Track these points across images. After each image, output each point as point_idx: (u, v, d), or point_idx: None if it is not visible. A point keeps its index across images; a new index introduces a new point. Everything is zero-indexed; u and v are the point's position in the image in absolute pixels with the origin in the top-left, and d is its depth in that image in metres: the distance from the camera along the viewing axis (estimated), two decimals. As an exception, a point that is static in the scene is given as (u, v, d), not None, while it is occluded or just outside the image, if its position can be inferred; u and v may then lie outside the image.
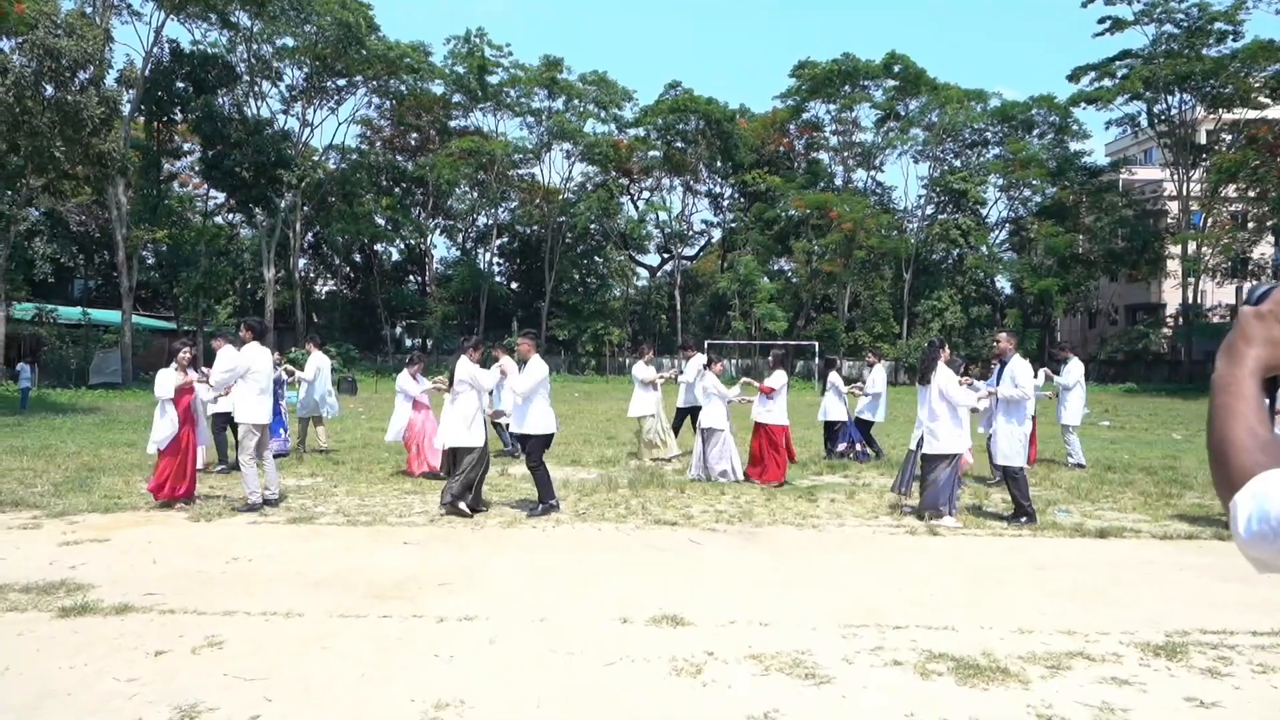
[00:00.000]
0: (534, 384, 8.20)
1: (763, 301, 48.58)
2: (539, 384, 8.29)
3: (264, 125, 39.81)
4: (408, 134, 53.89)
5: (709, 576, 6.03)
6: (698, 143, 52.28)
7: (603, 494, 9.34)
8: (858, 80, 51.34)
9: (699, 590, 5.62)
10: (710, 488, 9.86)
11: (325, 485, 9.89)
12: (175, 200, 43.59)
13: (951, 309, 50.98)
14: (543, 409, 8.28)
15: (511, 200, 55.45)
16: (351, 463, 11.78)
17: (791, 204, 49.54)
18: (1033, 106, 52.50)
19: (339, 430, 16.71)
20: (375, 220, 49.97)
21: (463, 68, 48.66)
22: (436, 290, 53.39)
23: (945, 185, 53.51)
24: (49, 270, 43.58)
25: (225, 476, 10.49)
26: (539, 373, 8.31)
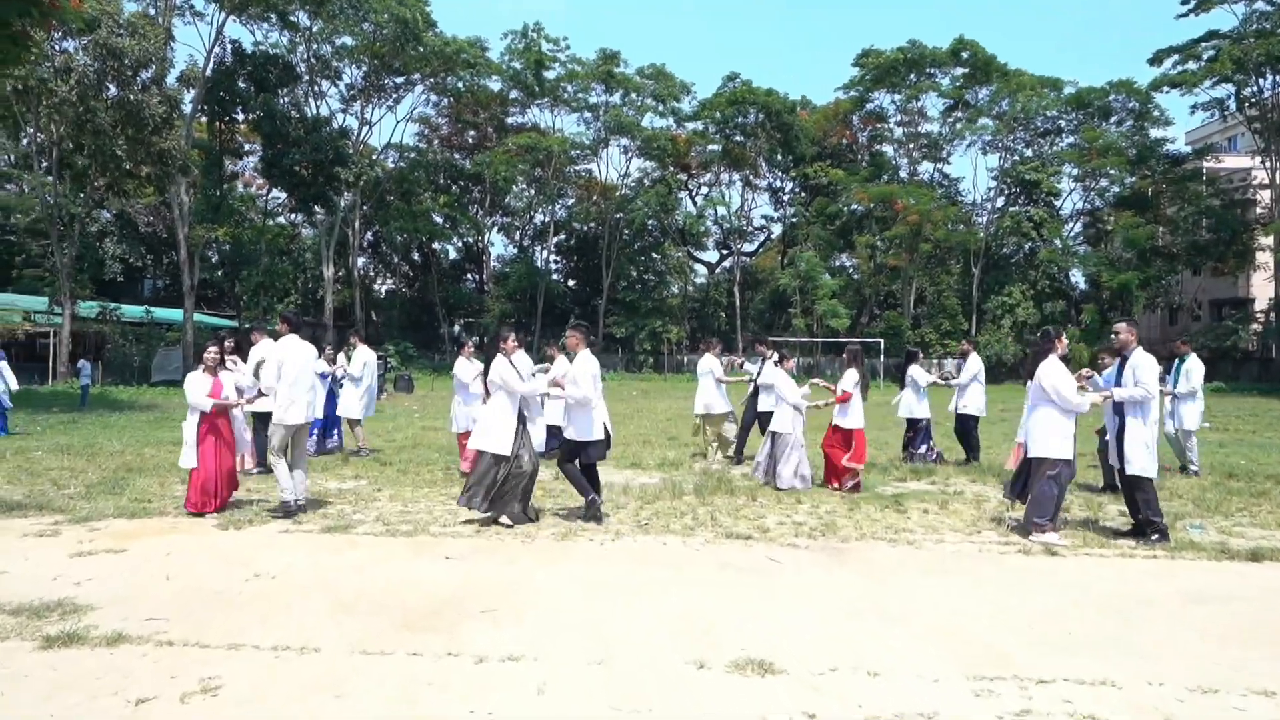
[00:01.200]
0: (589, 385, 7.41)
1: (825, 298, 47.22)
2: (593, 382, 7.52)
3: (322, 123, 39.84)
4: (465, 131, 53.73)
5: (795, 605, 5.13)
6: (757, 136, 51.08)
7: (666, 501, 8.48)
8: (924, 68, 49.68)
9: (786, 623, 4.73)
10: (785, 496, 8.93)
11: (368, 489, 9.21)
12: (238, 200, 43.93)
13: (1023, 305, 48.98)
14: (589, 412, 7.52)
15: (568, 197, 54.96)
16: (399, 464, 11.12)
17: (855, 197, 48.08)
18: (1110, 92, 50.18)
19: (389, 429, 16.14)
20: (433, 218, 49.88)
21: (519, 63, 48.26)
22: (494, 288, 53.16)
23: (1016, 176, 51.45)
24: (118, 270, 44.36)
25: (265, 478, 9.89)
26: (589, 368, 7.52)
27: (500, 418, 7.33)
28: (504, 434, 7.31)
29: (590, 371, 7.44)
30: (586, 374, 7.40)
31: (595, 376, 7.50)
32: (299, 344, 7.87)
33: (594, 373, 7.47)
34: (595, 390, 7.49)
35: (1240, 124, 51.43)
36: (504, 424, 7.34)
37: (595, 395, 7.50)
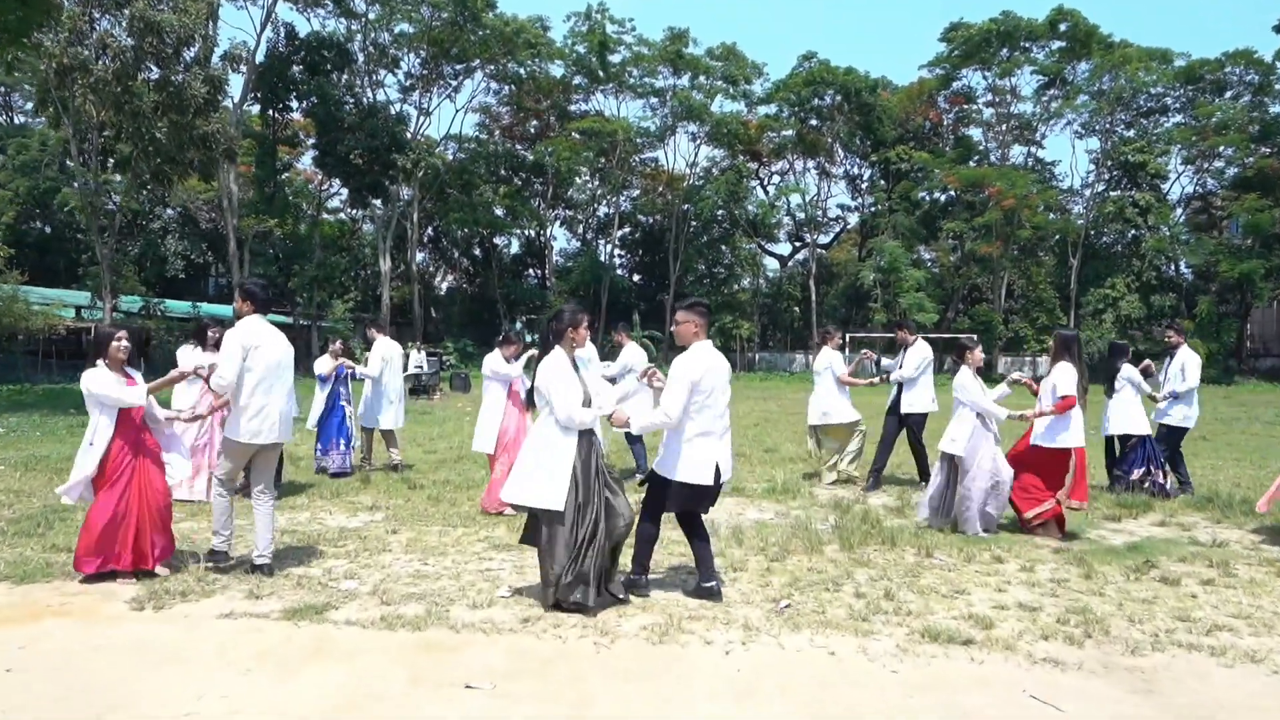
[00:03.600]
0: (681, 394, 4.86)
1: (910, 290, 43.77)
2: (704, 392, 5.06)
3: (378, 109, 38.01)
4: (527, 121, 51.67)
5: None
6: (834, 119, 47.89)
7: (802, 558, 5.81)
8: (1018, 42, 45.84)
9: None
10: (972, 545, 6.18)
11: (381, 529, 6.75)
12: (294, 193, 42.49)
13: (1127, 298, 44.84)
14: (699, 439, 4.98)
15: (633, 188, 52.55)
16: (432, 487, 8.66)
17: (943, 180, 44.58)
18: (1226, 64, 45.64)
19: (434, 436, 13.76)
20: (494, 211, 47.95)
21: (583, 47, 45.95)
22: (556, 283, 50.98)
23: (1119, 158, 47.24)
24: (180, 267, 43.43)
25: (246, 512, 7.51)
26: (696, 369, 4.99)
27: (546, 452, 4.73)
28: (558, 478, 4.68)
29: (691, 376, 4.67)
30: (685, 379, 4.67)
31: (712, 382, 4.76)
32: (269, 332, 5.40)
33: (698, 377, 4.68)
34: (720, 400, 4.82)
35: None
36: (553, 461, 4.71)
37: (716, 414, 4.80)
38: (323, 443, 9.57)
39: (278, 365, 5.35)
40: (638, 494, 5.30)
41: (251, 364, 5.22)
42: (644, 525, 4.93)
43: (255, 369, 5.22)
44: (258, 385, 5.21)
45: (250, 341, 5.24)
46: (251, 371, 5.23)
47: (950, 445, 6.73)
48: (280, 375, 5.35)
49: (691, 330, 4.85)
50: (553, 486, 4.63)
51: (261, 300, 5.45)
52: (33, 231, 42.16)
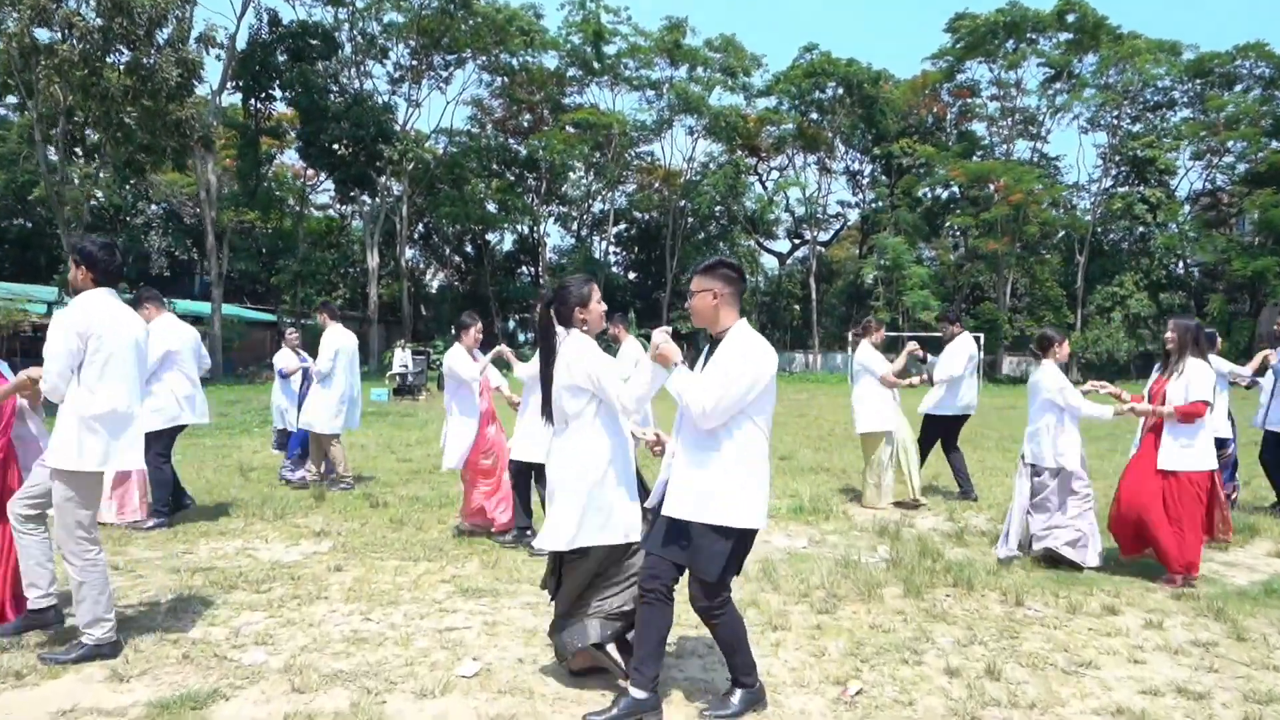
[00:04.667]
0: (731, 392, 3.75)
1: (914, 288, 42.50)
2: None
3: (364, 98, 36.63)
4: (519, 113, 50.31)
5: None
6: (835, 112, 46.65)
7: (858, 608, 4.51)
8: (1024, 33, 44.61)
9: None
10: (1069, 590, 4.89)
11: (325, 562, 5.43)
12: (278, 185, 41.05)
13: (1136, 296, 43.70)
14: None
15: (629, 184, 51.29)
16: (397, 505, 7.36)
17: (949, 174, 43.35)
18: (1236, 57, 44.54)
19: (412, 441, 12.43)
20: (485, 206, 46.64)
21: (578, 37, 44.64)
22: (550, 280, 49.64)
23: (1126, 153, 46.07)
24: (164, 264, 42.01)
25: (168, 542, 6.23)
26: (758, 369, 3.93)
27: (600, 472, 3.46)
28: (625, 502, 3.51)
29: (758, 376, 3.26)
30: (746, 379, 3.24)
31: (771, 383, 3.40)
32: (113, 308, 3.97)
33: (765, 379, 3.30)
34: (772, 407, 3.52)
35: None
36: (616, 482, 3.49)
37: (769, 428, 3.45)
38: (292, 451, 8.25)
39: (128, 356, 3.91)
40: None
41: (92, 354, 3.78)
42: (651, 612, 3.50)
43: (97, 360, 3.79)
44: (104, 385, 3.81)
45: (88, 326, 3.78)
46: (91, 365, 3.78)
47: (1060, 458, 5.43)
48: (126, 369, 3.90)
49: (711, 303, 3.32)
50: (626, 514, 3.47)
51: (105, 267, 3.94)
52: (14, 228, 40.74)
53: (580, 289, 3.67)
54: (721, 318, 3.35)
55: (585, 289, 3.67)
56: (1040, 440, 5.54)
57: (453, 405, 6.33)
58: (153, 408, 6.35)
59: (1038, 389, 5.56)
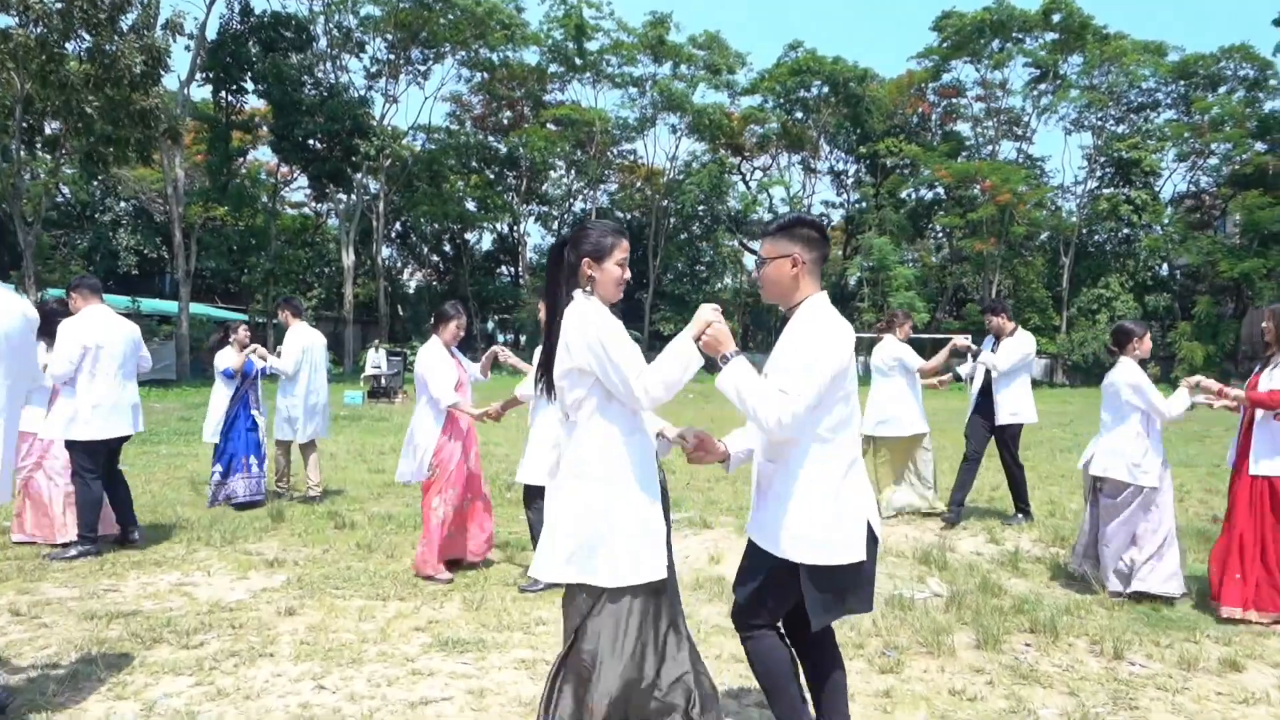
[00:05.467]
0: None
1: (900, 289, 41.98)
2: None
3: (340, 90, 35.55)
4: (499, 110, 49.36)
5: None
6: (820, 111, 46.07)
7: (927, 663, 3.69)
8: (1010, 32, 44.24)
9: None
10: (1170, 637, 4.11)
11: (277, 602, 4.55)
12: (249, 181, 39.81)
13: (1122, 297, 43.45)
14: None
15: (610, 183, 50.48)
16: (367, 526, 6.48)
17: (935, 174, 42.90)
18: (1221, 59, 44.41)
19: (387, 448, 11.52)
20: (464, 204, 45.67)
21: (559, 32, 43.75)
22: (531, 280, 48.69)
23: (1112, 154, 45.81)
24: (133, 262, 40.71)
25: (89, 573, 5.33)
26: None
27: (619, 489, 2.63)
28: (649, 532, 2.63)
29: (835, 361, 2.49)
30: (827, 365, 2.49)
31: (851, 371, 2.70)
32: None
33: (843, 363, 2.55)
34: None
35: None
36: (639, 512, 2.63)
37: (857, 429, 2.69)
38: (223, 462, 7.32)
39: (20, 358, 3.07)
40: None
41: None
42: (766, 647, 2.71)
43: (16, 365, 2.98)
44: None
45: None
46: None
47: (1137, 472, 4.65)
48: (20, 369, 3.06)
49: (790, 272, 2.57)
50: (641, 544, 2.59)
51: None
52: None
53: (601, 237, 2.70)
54: (801, 290, 2.59)
55: (607, 239, 2.70)
56: (1114, 451, 4.76)
57: (418, 408, 5.36)
58: (68, 415, 5.45)
59: (1113, 390, 4.79)
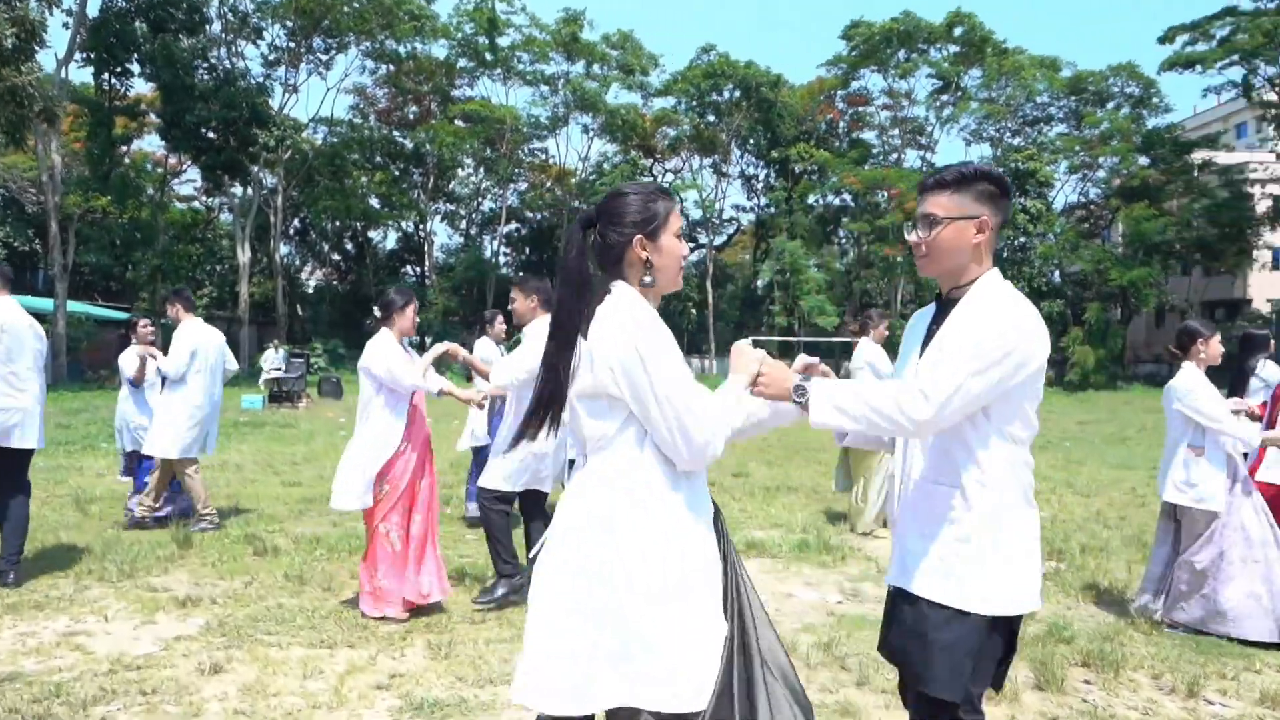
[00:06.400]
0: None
1: (811, 293, 42.42)
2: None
3: (236, 77, 33.58)
4: (406, 105, 47.75)
5: None
6: (732, 115, 46.21)
7: (996, 710, 3.18)
8: (915, 43, 45.33)
9: None
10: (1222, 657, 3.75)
11: (192, 659, 3.74)
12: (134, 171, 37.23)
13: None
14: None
15: (520, 182, 49.49)
16: (293, 551, 5.65)
17: (844, 180, 43.56)
18: (1110, 76, 46.60)
19: (301, 456, 10.53)
20: (368, 200, 43.95)
21: (470, 26, 42.56)
22: (438, 280, 47.27)
23: (1009, 165, 47.47)
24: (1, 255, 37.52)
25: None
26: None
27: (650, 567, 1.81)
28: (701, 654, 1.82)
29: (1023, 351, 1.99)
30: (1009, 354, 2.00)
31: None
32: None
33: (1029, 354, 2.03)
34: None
35: (1245, 112, 48.79)
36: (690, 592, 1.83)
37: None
38: (140, 476, 6.36)
39: None
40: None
41: None
42: None
43: None
44: None
45: None
46: None
47: (1195, 495, 4.24)
48: None
49: (971, 239, 2.02)
50: (686, 656, 1.80)
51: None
52: None
53: (648, 203, 1.98)
54: (981, 263, 2.07)
55: (657, 204, 1.98)
56: (1171, 471, 4.36)
57: (370, 414, 4.57)
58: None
59: (1167, 399, 4.39)
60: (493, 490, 4.58)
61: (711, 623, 1.84)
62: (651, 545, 1.81)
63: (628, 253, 1.96)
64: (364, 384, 4.54)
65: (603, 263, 1.99)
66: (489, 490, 4.59)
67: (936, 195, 2.03)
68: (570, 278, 1.94)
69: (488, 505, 4.61)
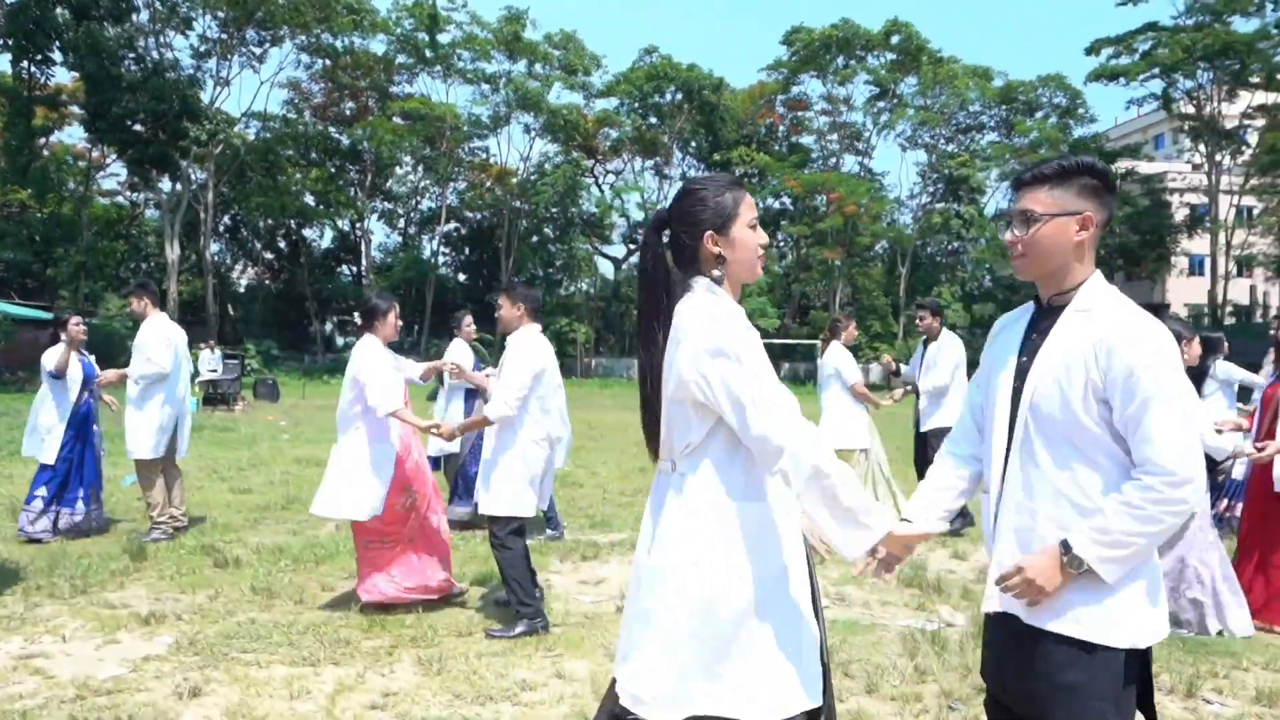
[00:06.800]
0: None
1: (752, 295, 42.76)
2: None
3: (165, 68, 32.42)
4: (342, 101, 46.69)
5: None
6: (674, 117, 46.35)
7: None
8: (854, 50, 46.12)
9: None
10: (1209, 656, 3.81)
11: (165, 680, 3.54)
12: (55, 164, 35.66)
13: (953, 306, 46.16)
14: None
15: (460, 182, 48.86)
16: (256, 563, 5.40)
17: (785, 183, 44.09)
18: (1039, 86, 48.17)
19: (244, 460, 10.16)
20: (303, 198, 42.86)
21: (410, 22, 41.83)
22: (376, 280, 46.33)
23: (943, 171, 48.70)
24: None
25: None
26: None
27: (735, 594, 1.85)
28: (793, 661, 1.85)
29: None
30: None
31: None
32: None
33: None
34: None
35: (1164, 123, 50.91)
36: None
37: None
38: (52, 486, 6.00)
39: None
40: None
41: None
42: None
43: None
44: None
45: None
46: None
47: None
48: None
49: (1074, 236, 1.87)
50: (783, 677, 1.84)
51: None
52: None
53: (717, 195, 1.97)
54: (1083, 265, 1.92)
55: (726, 195, 1.98)
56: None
57: (354, 425, 4.43)
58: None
59: None
60: (510, 518, 4.22)
61: (806, 627, 1.87)
62: (751, 550, 1.85)
63: (700, 250, 1.97)
64: (349, 390, 4.39)
65: (678, 262, 1.99)
66: (506, 520, 4.21)
67: (1034, 190, 1.91)
68: (648, 281, 1.99)
69: (502, 538, 4.21)
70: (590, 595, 4.92)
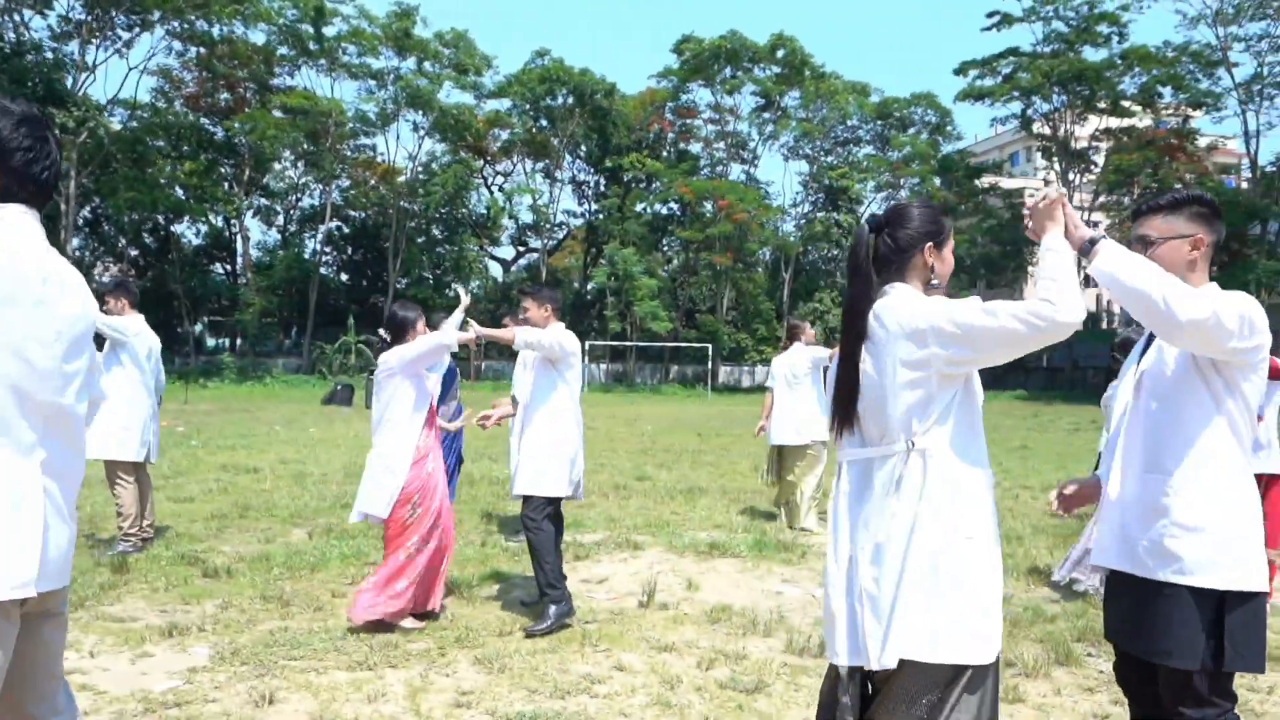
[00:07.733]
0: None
1: (644, 299, 43.32)
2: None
3: (28, 49, 30.23)
4: (217, 91, 44.53)
5: None
6: (566, 121, 46.45)
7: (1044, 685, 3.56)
8: (741, 61, 47.43)
9: None
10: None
11: (230, 690, 3.53)
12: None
13: (833, 311, 48.07)
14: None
15: (343, 179, 47.41)
16: (245, 569, 5.32)
17: (677, 190, 44.86)
18: (912, 104, 50.85)
19: (164, 471, 9.76)
20: (173, 192, 40.56)
21: (294, 12, 40.30)
22: (254, 279, 44.39)
23: (824, 182, 50.73)
24: None
25: None
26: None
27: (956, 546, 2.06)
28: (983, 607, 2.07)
29: None
30: None
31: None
32: None
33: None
34: None
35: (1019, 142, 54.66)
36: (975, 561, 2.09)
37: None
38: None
39: None
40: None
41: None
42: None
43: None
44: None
45: None
46: None
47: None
48: None
49: (1187, 255, 2.26)
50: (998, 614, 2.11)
51: None
52: None
53: (938, 217, 2.26)
54: (1196, 278, 2.25)
55: (944, 221, 2.28)
56: None
57: (389, 422, 4.44)
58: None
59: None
60: (545, 498, 4.40)
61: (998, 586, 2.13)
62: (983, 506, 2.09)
63: (916, 256, 2.21)
64: (382, 391, 4.43)
65: (888, 263, 2.22)
66: (540, 499, 4.38)
67: (1151, 218, 2.29)
68: (863, 277, 2.18)
69: (537, 520, 4.37)
70: (601, 593, 5.08)
